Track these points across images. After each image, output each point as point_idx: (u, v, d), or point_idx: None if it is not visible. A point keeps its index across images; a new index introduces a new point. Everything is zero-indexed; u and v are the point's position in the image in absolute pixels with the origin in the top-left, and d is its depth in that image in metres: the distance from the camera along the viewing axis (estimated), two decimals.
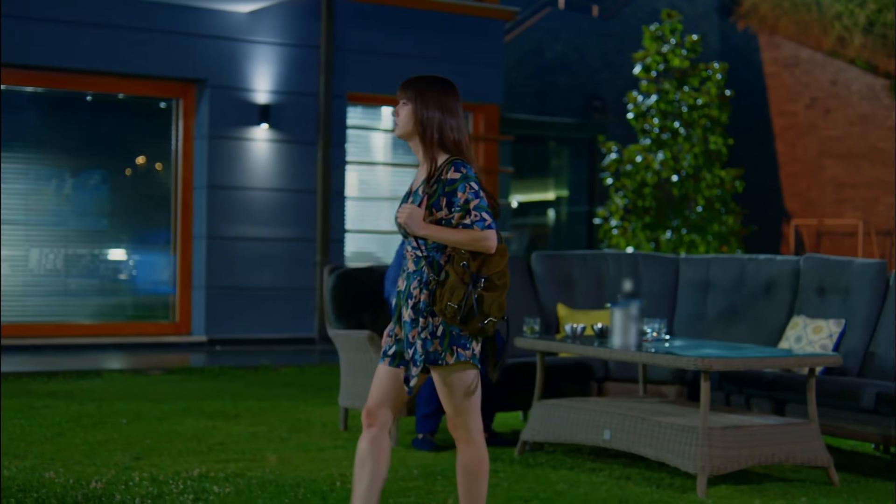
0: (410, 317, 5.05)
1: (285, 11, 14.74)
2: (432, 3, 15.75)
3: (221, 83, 14.47)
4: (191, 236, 14.55)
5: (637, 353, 7.09)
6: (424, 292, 5.02)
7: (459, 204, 4.99)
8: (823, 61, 25.20)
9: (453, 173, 5.00)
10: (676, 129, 17.78)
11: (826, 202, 25.07)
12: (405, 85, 5.16)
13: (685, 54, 18.17)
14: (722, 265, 9.08)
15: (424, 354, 4.99)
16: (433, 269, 5.03)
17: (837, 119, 24.85)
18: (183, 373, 12.02)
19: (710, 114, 18.02)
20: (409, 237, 5.06)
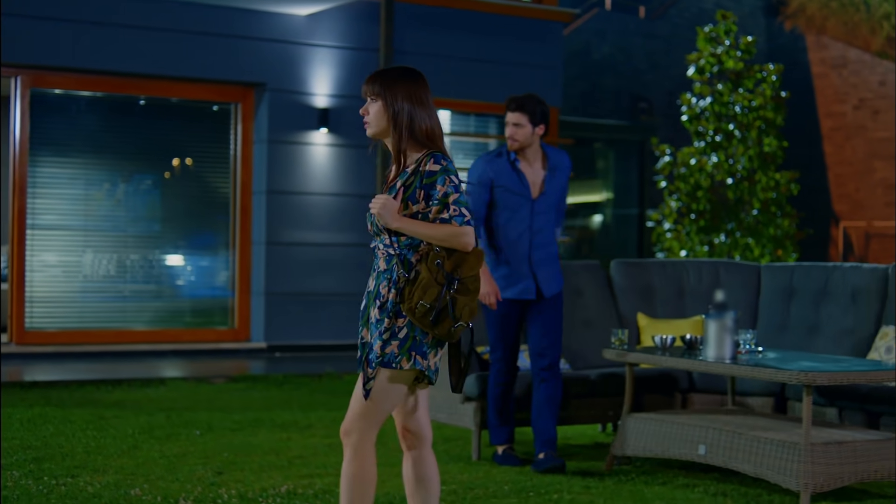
0: (376, 317, 4.79)
1: (344, 14, 14.59)
2: (490, 6, 15.58)
3: (280, 87, 14.34)
4: (249, 241, 14.42)
5: (735, 367, 6.90)
6: (393, 291, 4.77)
7: (438, 197, 4.75)
8: (872, 62, 24.96)
9: (432, 165, 4.78)
10: (731, 131, 17.58)
11: (875, 204, 24.83)
12: (371, 80, 4.93)
13: (739, 56, 17.97)
14: (805, 273, 8.88)
15: (382, 356, 4.73)
16: (404, 268, 4.77)
17: (886, 120, 24.60)
18: (246, 381, 11.89)
19: (766, 115, 17.81)
20: (382, 233, 4.81)
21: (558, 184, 7.84)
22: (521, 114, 7.60)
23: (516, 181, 7.68)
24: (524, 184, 7.70)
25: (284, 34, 14.34)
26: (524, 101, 7.63)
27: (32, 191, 13.53)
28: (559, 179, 7.84)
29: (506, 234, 7.76)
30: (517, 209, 7.70)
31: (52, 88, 13.73)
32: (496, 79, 15.60)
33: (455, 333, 4.75)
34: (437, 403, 8.38)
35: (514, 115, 7.63)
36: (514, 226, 7.72)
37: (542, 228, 7.78)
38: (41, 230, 13.64)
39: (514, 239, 7.73)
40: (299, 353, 14.22)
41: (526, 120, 7.60)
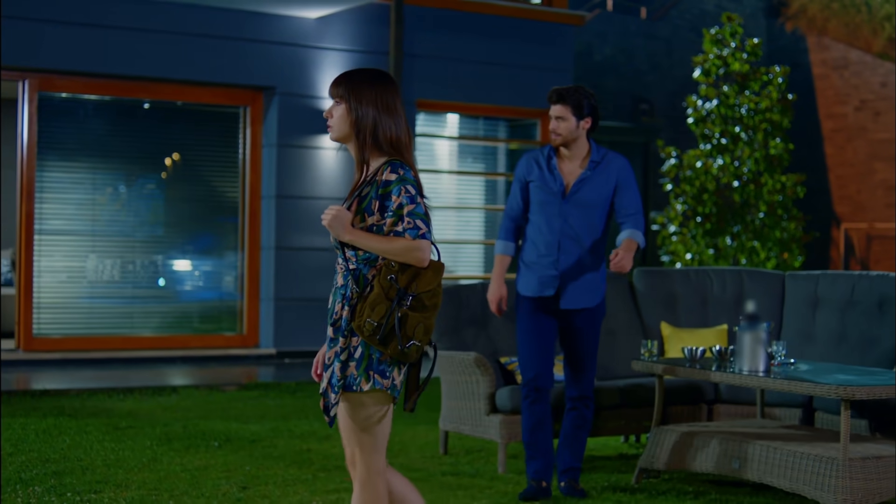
0: (330, 336, 4.60)
1: (354, 17, 14.47)
2: (501, 8, 15.47)
3: (290, 90, 14.21)
4: (258, 246, 14.30)
5: (771, 381, 6.79)
6: (347, 309, 4.56)
7: (392, 209, 4.52)
8: (873, 63, 24.90)
9: (389, 174, 4.54)
10: (737, 133, 17.50)
11: (876, 206, 24.77)
12: (337, 82, 4.70)
13: (745, 58, 17.89)
14: (830, 282, 8.78)
15: (343, 379, 4.52)
16: (358, 284, 4.57)
17: (888, 121, 24.54)
18: (258, 389, 11.78)
19: (772, 118, 17.73)
20: (343, 248, 4.61)
21: (601, 185, 7.17)
22: (562, 106, 7.09)
23: (548, 177, 7.17)
24: (557, 180, 7.15)
25: (294, 37, 14.22)
26: (566, 93, 7.10)
27: (40, 195, 13.40)
28: (602, 180, 7.17)
29: (535, 233, 7.27)
30: (545, 207, 7.20)
31: (60, 92, 13.60)
32: (506, 82, 15.50)
33: (410, 353, 4.50)
34: (460, 415, 8.27)
35: (555, 108, 7.12)
36: (542, 225, 7.22)
37: (577, 233, 7.16)
38: (48, 235, 13.51)
39: (541, 239, 7.22)
40: (309, 359, 14.10)
41: (569, 112, 7.08)
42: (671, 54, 24.95)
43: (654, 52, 24.62)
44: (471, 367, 8.04)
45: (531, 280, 7.23)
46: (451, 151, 16.03)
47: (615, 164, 7.24)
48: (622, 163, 7.28)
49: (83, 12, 13.22)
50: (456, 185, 16.16)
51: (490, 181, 16.58)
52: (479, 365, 7.99)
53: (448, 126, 16.02)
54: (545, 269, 7.19)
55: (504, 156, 16.58)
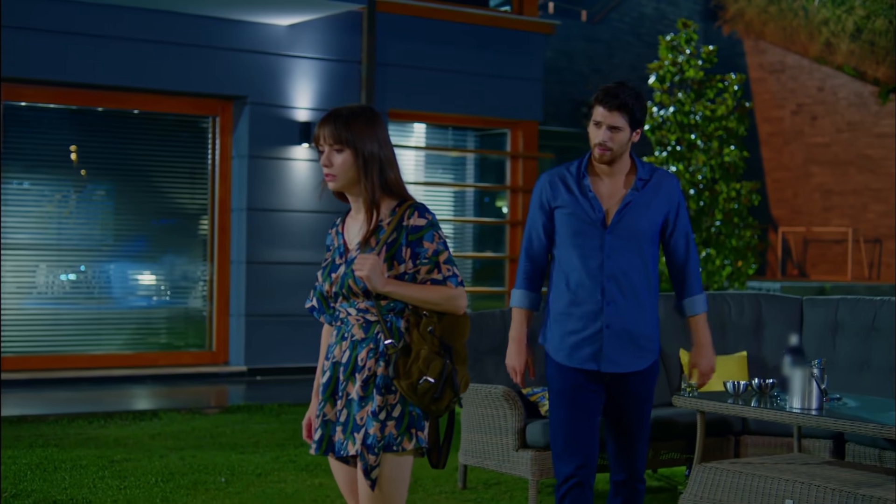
0: (359, 394, 4.29)
1: (326, 25, 14.10)
2: (472, 17, 15.20)
3: (260, 100, 13.81)
4: (228, 260, 13.89)
5: (834, 420, 6.59)
6: (381, 364, 4.28)
7: (427, 255, 4.30)
8: (810, 67, 25.02)
9: (417, 219, 4.31)
10: (693, 141, 17.41)
11: (813, 209, 24.91)
12: (334, 125, 4.35)
13: (700, 65, 17.80)
14: (851, 307, 8.61)
15: (382, 439, 4.26)
16: (393, 336, 4.30)
17: (824, 125, 24.68)
18: (241, 411, 11.41)
19: (727, 125, 17.67)
20: (355, 297, 4.33)
21: (650, 209, 5.63)
22: (621, 114, 5.46)
23: (583, 201, 5.60)
24: (595, 205, 5.59)
25: (265, 45, 13.82)
26: (626, 96, 5.48)
27: (4, 209, 12.89)
28: (651, 203, 5.64)
29: (568, 275, 5.65)
30: (581, 241, 5.60)
31: (25, 101, 13.08)
32: (476, 91, 15.24)
33: (451, 408, 4.35)
34: (485, 449, 7.98)
35: (611, 115, 5.47)
36: (577, 264, 5.61)
37: (623, 271, 5.58)
38: (11, 249, 13.00)
39: (578, 283, 5.62)
40: (281, 376, 13.74)
41: (626, 122, 5.48)
42: (612, 57, 24.90)
43: (595, 55, 24.55)
44: (498, 400, 7.75)
45: (564, 339, 5.65)
46: (419, 162, 15.75)
47: (667, 184, 5.69)
48: (674, 183, 5.72)
49: (49, 20, 12.72)
50: (424, 196, 15.87)
51: (459, 192, 16.31)
52: (508, 399, 7.70)
53: (416, 136, 15.72)
54: (585, 324, 5.60)
55: (473, 167, 16.32)
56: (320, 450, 4.40)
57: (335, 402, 4.37)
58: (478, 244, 16.38)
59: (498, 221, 16.09)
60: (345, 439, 4.33)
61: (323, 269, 4.46)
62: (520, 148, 15.95)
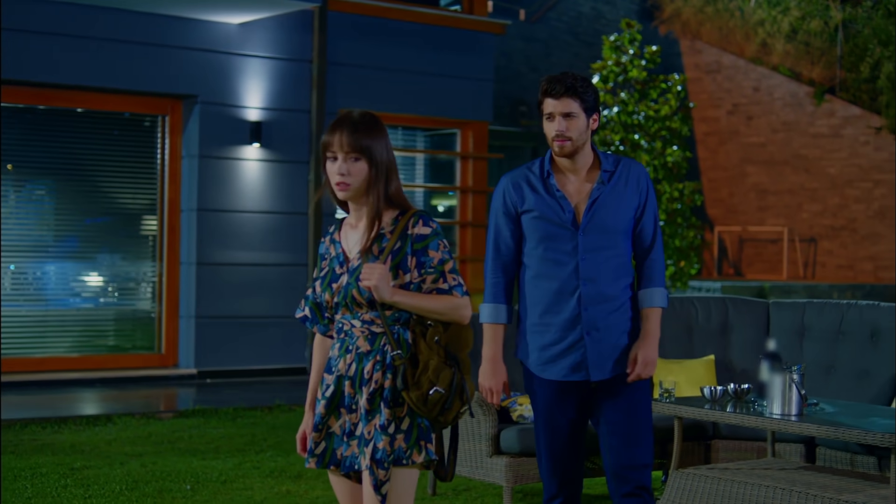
0: (366, 407, 4.21)
1: (277, 24, 13.94)
2: (422, 16, 15.10)
3: (211, 99, 13.62)
4: (177, 262, 13.70)
5: (817, 427, 6.57)
6: (388, 377, 4.19)
7: (433, 264, 4.23)
8: (746, 67, 25.16)
9: (422, 228, 4.23)
10: (637, 141, 17.47)
11: (749, 209, 25.06)
12: (356, 134, 4.22)
13: (644, 65, 17.86)
14: (818, 311, 8.62)
15: (393, 453, 4.18)
16: (401, 347, 4.21)
17: (760, 125, 24.83)
18: (196, 416, 11.24)
19: (671, 126, 17.74)
20: (358, 307, 4.23)
21: (621, 202, 5.27)
22: (572, 99, 5.11)
23: (550, 201, 5.24)
24: (564, 205, 5.22)
25: (215, 44, 13.64)
26: (575, 82, 5.13)
27: None
28: (622, 195, 5.27)
29: (540, 284, 5.29)
30: (551, 245, 5.24)
31: None
32: (426, 91, 15.15)
33: (458, 418, 4.27)
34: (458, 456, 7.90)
35: (561, 102, 5.12)
36: (549, 271, 5.26)
37: (600, 272, 5.23)
38: None
39: (551, 291, 5.26)
40: (232, 378, 13.59)
41: (580, 107, 5.12)
42: (549, 56, 24.89)
43: (533, 55, 24.53)
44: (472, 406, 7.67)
45: (543, 352, 5.30)
46: None
47: (634, 172, 5.32)
48: (642, 171, 5.36)
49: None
50: None
51: (407, 193, 16.19)
52: (481, 404, 7.63)
53: None
54: (563, 334, 5.26)
55: (423, 167, 16.23)
56: (322, 463, 4.29)
57: (339, 415, 4.29)
58: None
59: (448, 222, 16.02)
60: (359, 453, 4.26)
61: (321, 279, 4.34)
62: (470, 148, 15.89)
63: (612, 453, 5.34)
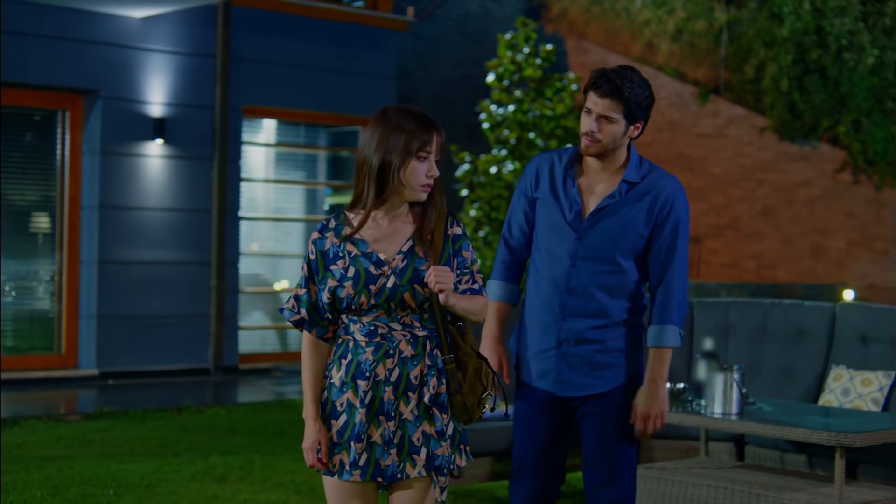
0: (415, 413, 4.05)
1: (181, 18, 13.68)
2: (326, 11, 14.94)
3: (113, 94, 13.32)
4: (78, 260, 13.37)
5: (761, 426, 6.59)
6: (442, 383, 4.08)
7: (467, 265, 4.14)
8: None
9: (456, 228, 4.13)
10: (532, 140, 17.48)
11: None
12: (439, 131, 4.09)
13: (539, 64, 17.88)
14: (742, 310, 8.67)
15: (430, 460, 4.05)
16: (450, 351, 4.11)
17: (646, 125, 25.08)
18: (106, 418, 10.99)
19: (565, 125, 17.79)
20: (401, 310, 4.05)
21: (633, 217, 4.88)
22: (614, 101, 4.73)
23: (561, 193, 4.93)
24: (572, 201, 4.92)
25: (118, 38, 13.35)
26: (623, 81, 4.73)
27: None
28: (637, 210, 4.88)
29: (535, 279, 5.03)
30: (551, 241, 4.96)
31: None
32: (330, 88, 15.00)
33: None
34: None
35: (602, 103, 4.76)
36: (546, 268, 4.97)
37: (591, 286, 4.90)
38: None
39: (540, 290, 4.99)
40: (135, 379, 13.31)
41: (621, 112, 4.74)
42: (437, 54, 24.85)
43: (421, 52, 24.46)
44: None
45: (523, 351, 5.10)
46: (271, 159, 15.43)
47: (661, 188, 4.88)
48: (672, 187, 4.90)
49: None
50: (275, 194, 15.57)
51: (310, 190, 16.06)
52: None
53: (268, 133, 15.40)
54: (540, 338, 5.00)
55: (325, 164, 16.07)
56: (366, 475, 4.04)
57: (379, 423, 4.05)
58: None
59: None
60: (400, 462, 4.05)
61: (354, 281, 4.05)
62: None
63: (588, 481, 5.05)
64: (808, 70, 19.80)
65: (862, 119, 19.11)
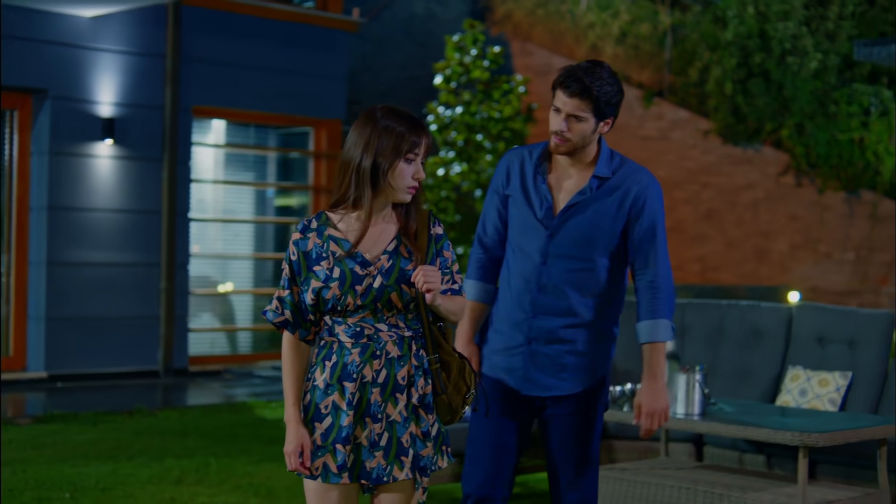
0: (403, 414, 4.02)
1: (131, 18, 13.56)
2: (276, 12, 14.87)
3: (62, 94, 13.18)
4: (26, 262, 13.21)
5: (726, 426, 6.62)
6: (429, 383, 4.08)
7: (448, 265, 4.13)
8: None
9: (438, 228, 4.13)
10: (480, 142, 17.49)
11: None
12: (427, 133, 4.09)
13: (487, 66, 17.90)
14: (698, 311, 8.71)
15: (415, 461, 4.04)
16: (435, 350, 4.10)
17: None
18: (57, 421, 10.87)
19: (513, 127, 17.82)
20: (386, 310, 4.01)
21: (606, 213, 4.84)
22: (583, 101, 4.67)
23: (533, 193, 4.88)
24: (545, 201, 4.87)
25: (67, 37, 13.21)
26: (592, 81, 4.66)
27: None
28: (609, 206, 4.84)
29: (506, 277, 5.00)
30: (522, 239, 4.91)
31: None
32: (280, 89, 14.93)
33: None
34: None
35: (571, 102, 4.70)
36: (518, 266, 4.94)
37: (563, 283, 4.85)
38: None
39: (510, 288, 4.96)
40: (84, 382, 13.18)
41: (590, 110, 4.69)
42: (382, 56, 24.82)
43: (366, 53, 24.42)
44: None
45: (490, 345, 5.02)
46: (220, 160, 15.34)
47: (633, 182, 4.86)
48: (645, 181, 4.87)
49: None
50: (224, 195, 15.47)
51: (260, 192, 15.98)
52: None
53: (217, 133, 15.31)
54: (509, 335, 4.94)
55: (275, 165, 16.00)
56: (353, 477, 3.99)
57: (365, 424, 4.01)
58: (278, 245, 16.08)
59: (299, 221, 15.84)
60: (387, 464, 4.01)
61: (340, 281, 4.00)
62: (323, 147, 15.72)
63: (553, 482, 5.00)
64: (752, 74, 19.94)
65: (805, 122, 19.27)
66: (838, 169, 19.18)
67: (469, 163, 16.87)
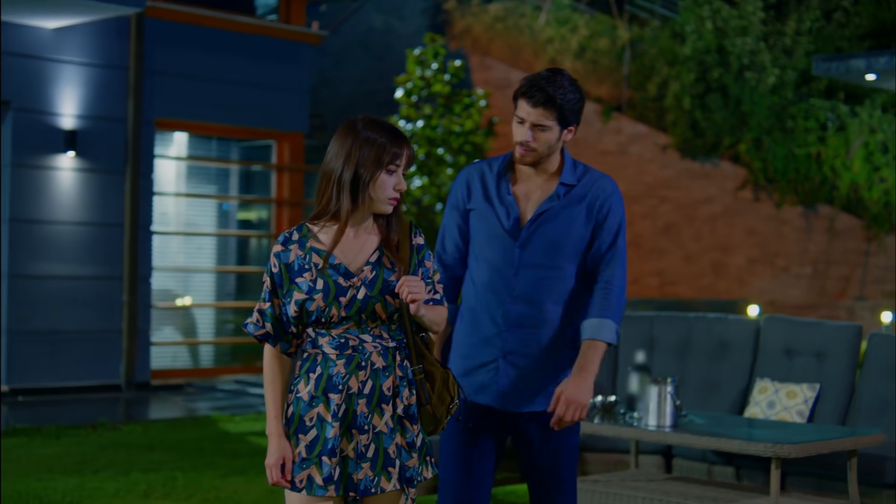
0: (389, 425, 3.99)
1: (93, 29, 13.51)
2: (239, 25, 14.85)
3: (24, 106, 13.11)
4: None
5: (698, 437, 6.64)
6: (413, 393, 4.06)
7: (429, 275, 4.11)
8: None
9: (419, 238, 4.10)
10: (441, 156, 17.51)
11: None
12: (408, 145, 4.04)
13: (448, 80, 17.93)
14: (666, 323, 8.75)
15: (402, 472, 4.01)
16: (419, 361, 4.07)
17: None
18: (20, 435, 10.79)
19: (474, 140, 17.85)
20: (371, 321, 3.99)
21: (573, 220, 4.77)
22: (547, 110, 4.61)
23: (497, 203, 4.81)
24: (511, 212, 4.79)
25: (29, 48, 13.14)
26: (556, 90, 4.59)
27: None
28: (576, 213, 4.78)
29: (472, 291, 4.86)
30: (493, 252, 4.80)
31: None
32: (243, 101, 14.91)
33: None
34: None
35: (536, 112, 4.63)
36: (486, 279, 4.82)
37: (535, 293, 4.77)
38: None
39: (479, 303, 4.82)
40: (45, 396, 13.08)
41: (555, 119, 4.63)
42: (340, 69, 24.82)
43: (324, 67, 24.42)
44: None
45: (459, 365, 4.87)
46: (182, 173, 15.28)
47: (599, 188, 4.81)
48: (609, 188, 4.83)
49: None
50: (186, 208, 15.41)
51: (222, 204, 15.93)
52: None
53: (179, 146, 15.25)
54: (480, 350, 4.81)
55: (237, 178, 15.95)
56: (340, 490, 3.94)
57: (352, 436, 3.97)
58: (241, 258, 16.03)
59: (261, 235, 15.80)
60: (374, 476, 3.97)
61: (324, 293, 3.97)
62: (286, 160, 15.69)
63: (533, 496, 4.87)
64: (710, 88, 20.07)
65: (762, 137, 19.41)
66: (796, 183, 19.32)
67: (430, 176, 16.88)
